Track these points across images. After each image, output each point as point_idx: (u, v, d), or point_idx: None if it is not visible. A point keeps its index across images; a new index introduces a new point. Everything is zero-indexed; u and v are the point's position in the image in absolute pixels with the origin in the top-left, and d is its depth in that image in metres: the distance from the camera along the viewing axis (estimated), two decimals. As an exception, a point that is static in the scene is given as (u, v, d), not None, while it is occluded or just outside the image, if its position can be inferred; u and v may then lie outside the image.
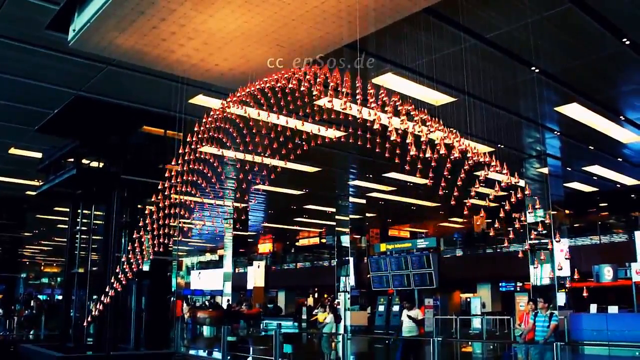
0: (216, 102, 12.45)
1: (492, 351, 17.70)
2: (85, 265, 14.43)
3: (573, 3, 8.61)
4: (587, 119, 13.84)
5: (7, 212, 25.00)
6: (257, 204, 26.87)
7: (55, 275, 54.83)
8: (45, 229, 32.79)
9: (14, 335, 20.98)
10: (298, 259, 36.05)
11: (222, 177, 9.21)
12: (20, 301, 30.25)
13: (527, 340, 10.13)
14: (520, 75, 11.11)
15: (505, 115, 12.96)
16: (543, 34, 9.31)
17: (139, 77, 10.95)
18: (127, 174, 13.68)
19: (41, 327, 20.07)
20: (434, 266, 24.56)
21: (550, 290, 16.75)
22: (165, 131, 14.03)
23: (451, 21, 8.88)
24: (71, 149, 13.76)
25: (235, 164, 9.35)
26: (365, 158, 17.40)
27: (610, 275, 17.24)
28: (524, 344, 10.31)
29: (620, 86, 12.50)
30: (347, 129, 8.43)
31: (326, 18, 7.45)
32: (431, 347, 9.83)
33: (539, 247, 17.95)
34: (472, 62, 9.94)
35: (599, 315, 15.86)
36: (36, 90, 12.00)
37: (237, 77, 9.49)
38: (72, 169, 13.42)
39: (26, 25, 9.15)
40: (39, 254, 49.70)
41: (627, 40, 9.81)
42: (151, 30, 7.91)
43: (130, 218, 14.41)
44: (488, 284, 27.40)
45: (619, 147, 16.67)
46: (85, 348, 14.02)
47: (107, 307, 12.71)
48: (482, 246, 26.96)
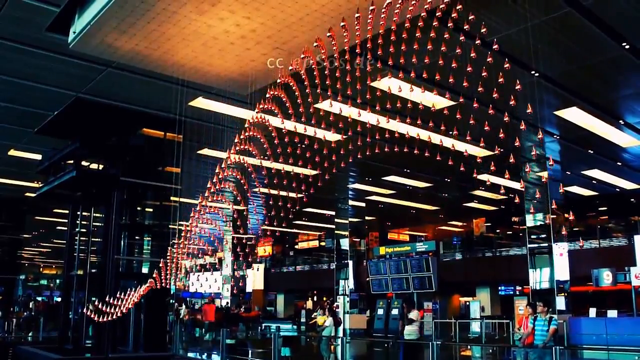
0: (216, 104, 12.48)
1: (491, 355, 17.67)
2: (84, 267, 14.41)
3: (572, 7, 8.63)
4: (587, 123, 13.86)
5: (7, 214, 25.01)
6: (256, 207, 26.84)
7: (54, 277, 54.74)
8: (44, 230, 32.77)
9: (13, 337, 20.96)
10: (297, 262, 36.03)
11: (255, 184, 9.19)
12: (19, 303, 30.24)
13: (526, 344, 10.12)
14: (520, 79, 11.10)
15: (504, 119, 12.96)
16: (543, 38, 9.32)
17: (139, 79, 10.97)
18: (127, 176, 13.68)
19: (40, 329, 20.03)
20: (433, 270, 24.53)
21: (550, 294, 16.74)
22: (165, 133, 14.04)
23: (451, 25, 8.89)
24: (71, 150, 13.74)
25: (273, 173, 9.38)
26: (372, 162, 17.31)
27: (610, 279, 17.23)
28: (523, 348, 10.29)
29: (620, 90, 12.51)
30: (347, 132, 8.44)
31: (326, 21, 7.47)
32: (430, 351, 9.82)
33: (538, 251, 17.98)
34: (471, 65, 9.94)
35: (598, 320, 15.85)
36: (36, 92, 12.02)
37: (236, 79, 9.51)
38: (71, 170, 13.40)
39: (27, 27, 9.16)
40: (38, 256, 49.63)
41: (627, 44, 9.83)
42: (151, 32, 7.93)
43: (129, 220, 14.41)
44: (487, 287, 27.40)
45: (619, 151, 16.68)
46: (84, 350, 13.99)
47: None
48: (482, 250, 26.98)
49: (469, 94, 7.42)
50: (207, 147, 15.70)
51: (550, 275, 17.32)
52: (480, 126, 7.01)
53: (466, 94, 7.21)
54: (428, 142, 8.01)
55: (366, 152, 9.14)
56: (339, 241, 26.58)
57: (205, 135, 14.12)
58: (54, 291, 48.08)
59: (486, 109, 6.78)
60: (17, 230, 26.44)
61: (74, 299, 14.75)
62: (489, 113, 6.74)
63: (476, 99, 8.23)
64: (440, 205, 27.33)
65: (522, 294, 25.07)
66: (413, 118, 9.32)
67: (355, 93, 7.10)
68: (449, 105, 7.63)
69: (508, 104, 6.25)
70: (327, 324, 14.94)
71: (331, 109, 8.08)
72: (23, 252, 39.89)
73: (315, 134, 8.13)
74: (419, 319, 12.19)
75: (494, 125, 7.12)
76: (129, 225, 14.34)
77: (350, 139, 9.05)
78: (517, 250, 24.61)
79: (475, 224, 31.07)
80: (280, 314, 35.63)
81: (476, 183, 20.98)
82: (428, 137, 7.95)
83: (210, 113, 12.91)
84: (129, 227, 14.31)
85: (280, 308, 36.78)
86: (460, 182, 21.33)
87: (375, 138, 9.30)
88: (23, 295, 39.25)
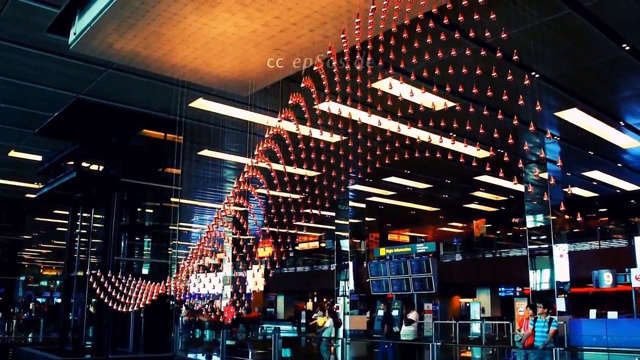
0: (216, 105, 12.48)
1: (491, 356, 17.66)
2: (84, 269, 14.42)
3: (572, 9, 8.63)
4: (587, 124, 13.86)
5: (7, 215, 25.01)
6: (256, 208, 26.83)
7: (54, 278, 54.70)
8: (44, 231, 32.76)
9: (13, 338, 20.95)
10: (297, 263, 36.00)
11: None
12: (19, 304, 30.23)
13: (526, 345, 10.12)
14: (520, 80, 11.11)
15: (505, 120, 12.96)
16: (543, 39, 9.32)
17: (139, 80, 10.96)
18: (127, 177, 13.70)
19: (40, 330, 20.02)
20: (433, 271, 24.51)
21: (550, 296, 16.72)
22: (165, 134, 14.06)
23: (451, 26, 8.89)
24: (71, 151, 13.76)
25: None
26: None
27: (610, 280, 17.21)
28: (524, 349, 10.30)
29: (620, 91, 12.51)
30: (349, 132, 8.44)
31: (326, 22, 7.47)
32: (430, 352, 9.82)
33: (538, 252, 17.96)
34: (471, 66, 9.95)
35: (598, 321, 15.82)
36: (36, 93, 12.02)
37: (236, 80, 9.51)
38: (72, 171, 13.42)
39: (27, 28, 9.16)
40: (39, 257, 49.60)
41: (627, 45, 9.83)
42: (151, 34, 7.93)
43: (130, 221, 14.42)
44: (487, 289, 27.38)
45: (619, 153, 16.67)
46: (84, 351, 13.99)
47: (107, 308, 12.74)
48: (482, 251, 26.98)
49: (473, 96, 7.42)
50: (207, 148, 15.70)
51: (551, 276, 17.30)
52: (488, 128, 7.01)
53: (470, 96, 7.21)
54: (428, 143, 8.01)
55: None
56: (339, 242, 26.56)
57: (205, 136, 14.13)
58: (54, 292, 48.07)
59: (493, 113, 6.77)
60: (17, 231, 26.44)
61: (74, 300, 14.76)
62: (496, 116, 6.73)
63: (477, 101, 8.23)
64: (440, 207, 27.33)
65: (522, 295, 25.05)
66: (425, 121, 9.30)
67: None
68: (450, 106, 7.63)
69: (512, 105, 6.24)
70: (327, 325, 14.92)
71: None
72: (23, 253, 39.89)
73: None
74: (417, 320, 12.21)
75: (499, 127, 7.12)
76: (129, 226, 14.35)
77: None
78: (517, 251, 24.62)
79: (475, 225, 31.08)
80: (281, 315, 35.62)
81: (476, 184, 21.04)
82: (440, 139, 7.92)
83: (211, 114, 12.91)
84: (129, 228, 14.33)
85: (281, 309, 36.77)
86: (460, 183, 21.34)
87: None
88: (23, 297, 39.21)
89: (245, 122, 12.80)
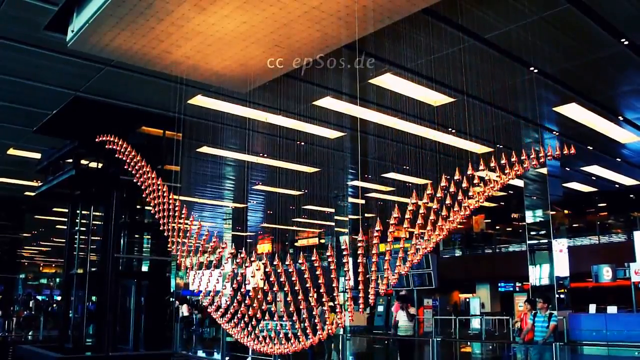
0: (215, 102, 12.47)
1: (491, 351, 17.68)
2: (84, 266, 14.42)
3: (571, 4, 8.62)
4: (586, 119, 13.85)
5: (6, 213, 24.99)
6: (255, 205, 26.86)
7: (54, 276, 54.72)
8: (44, 229, 32.75)
9: (13, 336, 20.96)
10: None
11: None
12: (19, 302, 30.24)
13: (526, 340, 10.14)
14: (519, 76, 11.11)
15: (504, 116, 12.98)
16: (541, 35, 9.31)
17: (138, 77, 10.94)
18: (126, 175, 13.66)
19: (40, 328, 20.04)
20: (433, 266, 24.52)
21: (549, 291, 16.75)
22: (164, 131, 14.02)
23: (450, 21, 8.89)
24: (70, 149, 13.74)
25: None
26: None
27: (609, 275, 17.23)
28: (524, 344, 10.31)
29: (619, 86, 12.51)
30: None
31: (325, 19, 7.45)
32: (430, 347, 9.83)
33: (538, 247, 17.98)
34: (470, 62, 9.95)
35: (598, 316, 15.85)
36: (35, 90, 11.99)
37: (235, 77, 9.49)
38: (71, 169, 13.40)
39: (25, 25, 9.13)
40: (38, 255, 49.62)
41: (626, 40, 9.82)
42: (150, 30, 7.91)
43: (129, 218, 14.40)
44: (487, 284, 27.39)
45: (618, 148, 16.68)
46: (84, 349, 14.01)
47: (106, 307, 12.76)
48: (481, 246, 27.00)
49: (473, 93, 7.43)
50: (207, 145, 15.68)
51: (550, 271, 17.32)
52: (491, 123, 7.02)
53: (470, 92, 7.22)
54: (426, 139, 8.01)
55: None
56: (338, 238, 26.55)
57: (204, 133, 14.11)
58: (54, 290, 48.11)
59: (496, 109, 6.77)
60: (16, 229, 26.42)
61: (74, 297, 14.76)
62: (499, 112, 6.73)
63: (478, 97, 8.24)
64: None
65: (522, 291, 25.07)
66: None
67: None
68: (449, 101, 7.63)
69: (511, 102, 6.24)
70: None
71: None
72: (23, 251, 39.90)
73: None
74: (413, 313, 12.23)
75: (492, 123, 7.12)
76: (129, 223, 14.34)
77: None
78: (517, 246, 24.63)
79: (475, 220, 31.06)
80: (280, 311, 35.60)
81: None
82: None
83: (210, 111, 12.89)
84: (128, 226, 14.32)
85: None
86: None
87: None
88: (23, 294, 39.22)
89: (245, 119, 12.79)
